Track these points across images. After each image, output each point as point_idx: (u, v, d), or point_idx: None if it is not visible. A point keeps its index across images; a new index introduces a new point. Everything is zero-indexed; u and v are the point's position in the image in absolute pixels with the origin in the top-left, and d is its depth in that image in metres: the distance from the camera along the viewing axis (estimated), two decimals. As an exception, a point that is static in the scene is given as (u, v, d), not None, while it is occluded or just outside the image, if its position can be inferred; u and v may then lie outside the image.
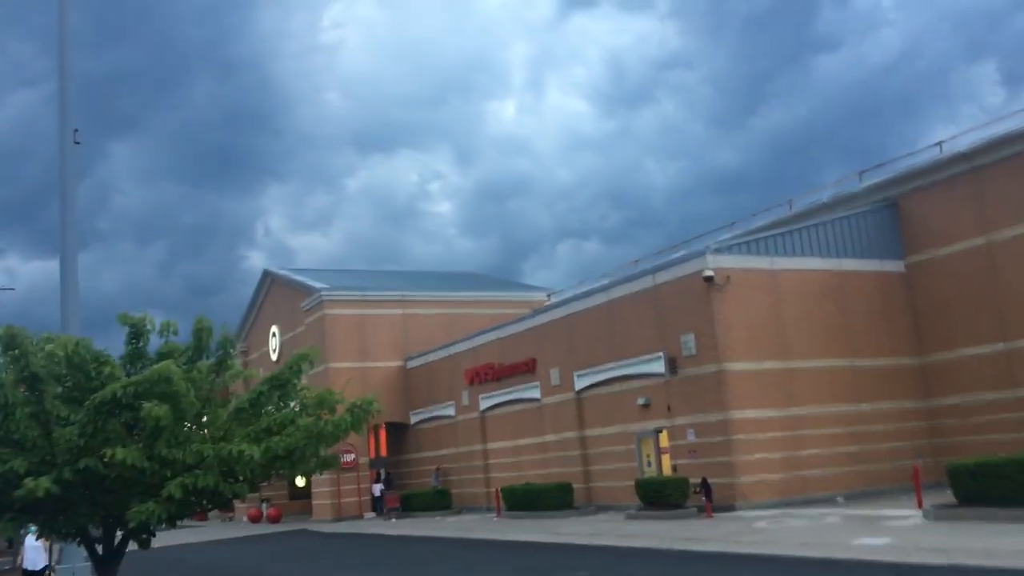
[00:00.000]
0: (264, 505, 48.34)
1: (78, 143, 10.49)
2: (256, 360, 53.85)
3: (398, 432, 44.03)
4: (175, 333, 8.35)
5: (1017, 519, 15.51)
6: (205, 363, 8.63)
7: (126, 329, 8.43)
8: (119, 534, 8.19)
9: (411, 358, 42.88)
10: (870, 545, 14.95)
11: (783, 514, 21.93)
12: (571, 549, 19.82)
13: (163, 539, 40.98)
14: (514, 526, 27.04)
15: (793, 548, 15.59)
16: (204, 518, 60.17)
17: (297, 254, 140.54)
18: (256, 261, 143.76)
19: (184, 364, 8.20)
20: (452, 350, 39.55)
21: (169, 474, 7.22)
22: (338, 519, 40.54)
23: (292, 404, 8.58)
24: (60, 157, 10.30)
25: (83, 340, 7.62)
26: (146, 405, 6.91)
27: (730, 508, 23.82)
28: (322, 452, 8.66)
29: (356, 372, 42.04)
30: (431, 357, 41.24)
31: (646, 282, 27.86)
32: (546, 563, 17.73)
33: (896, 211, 28.29)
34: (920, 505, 19.27)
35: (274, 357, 50.28)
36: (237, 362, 9.16)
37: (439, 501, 37.06)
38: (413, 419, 42.73)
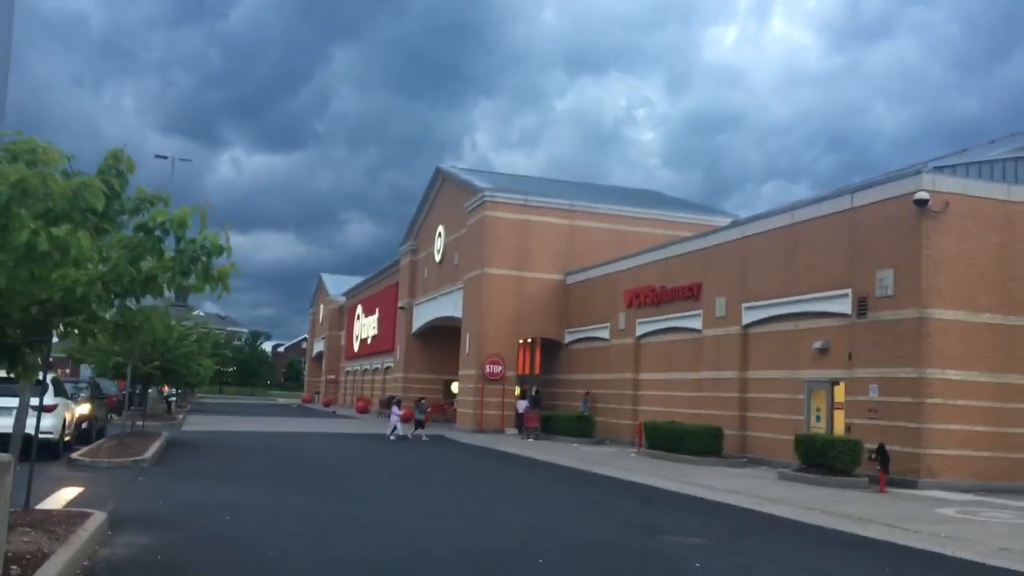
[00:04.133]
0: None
1: None
2: (422, 259, 52.73)
3: (552, 350, 41.43)
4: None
5: None
6: None
7: None
8: None
9: (571, 273, 39.84)
10: (1107, 568, 10.59)
11: (978, 502, 17.38)
12: (700, 505, 16.36)
13: (291, 425, 40.80)
14: (649, 467, 23.76)
15: (990, 554, 11.43)
16: (365, 410, 61.01)
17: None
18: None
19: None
20: (613, 268, 36.13)
21: None
22: (478, 431, 38.79)
23: None
24: None
25: None
26: None
27: (910, 484, 19.43)
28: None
29: (513, 281, 39.74)
30: (591, 273, 38.02)
31: (841, 203, 23.14)
32: (661, 517, 14.42)
33: None
34: None
35: (437, 258, 48.84)
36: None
37: (581, 427, 34.28)
38: (567, 338, 39.90)
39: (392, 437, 33.37)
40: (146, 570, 8.61)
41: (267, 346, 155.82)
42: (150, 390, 39.86)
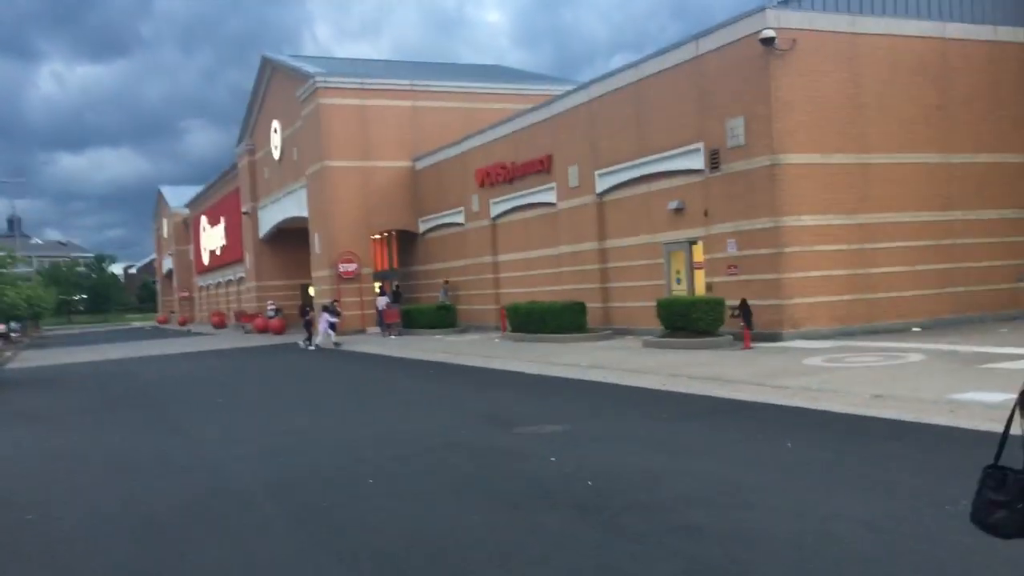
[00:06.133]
0: (276, 313, 44.76)
1: None
2: (261, 159, 49.21)
3: (408, 241, 39.53)
4: None
5: None
6: None
7: None
8: None
9: (419, 158, 37.61)
10: (983, 403, 9.87)
11: (843, 347, 16.94)
12: (561, 387, 15.21)
13: (136, 349, 37.57)
14: (512, 351, 22.61)
15: (865, 404, 10.61)
16: (222, 325, 57.92)
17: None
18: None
19: None
20: (462, 148, 34.16)
21: None
22: (338, 333, 36.82)
23: None
24: None
25: None
26: None
27: (775, 337, 18.92)
28: None
29: (358, 172, 37.22)
30: (440, 156, 35.94)
31: (687, 52, 21.80)
32: (517, 407, 13.14)
33: (1025, -40, 21.50)
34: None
35: (276, 156, 45.53)
36: None
37: (443, 318, 32.88)
38: (422, 227, 38.01)
39: (333, 344, 30.40)
40: None
41: (117, 269, 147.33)
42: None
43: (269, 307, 44.98)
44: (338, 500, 7.59)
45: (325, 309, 31.70)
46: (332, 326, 31.41)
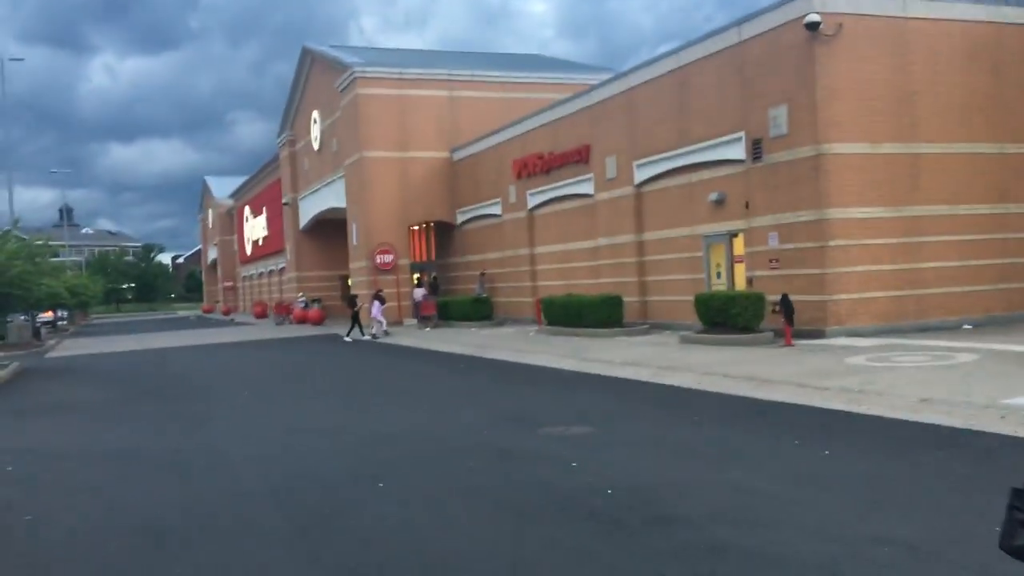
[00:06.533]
0: (306, 306, 44.66)
1: None
2: (301, 150, 49.26)
3: (445, 233, 39.22)
4: None
5: None
6: None
7: None
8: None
9: (457, 149, 37.24)
10: (1038, 409, 9.22)
11: (889, 346, 16.20)
12: (593, 384, 14.73)
13: (176, 339, 37.77)
14: (546, 345, 22.16)
15: (911, 408, 9.97)
16: (263, 315, 58.21)
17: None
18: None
19: None
20: (499, 138, 33.69)
21: None
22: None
23: None
24: None
25: None
26: None
27: (817, 334, 18.21)
28: None
29: (396, 163, 36.97)
30: (478, 147, 35.52)
31: (729, 39, 21.09)
32: (546, 405, 12.70)
33: (1089, -61, 20.40)
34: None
35: (316, 147, 45.51)
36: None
37: (479, 310, 32.51)
38: (459, 218, 37.66)
39: (382, 337, 30.12)
40: None
41: (165, 258, 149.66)
42: (10, 317, 36.53)
43: (299, 300, 45.02)
44: (344, 505, 7.22)
45: (376, 297, 31.50)
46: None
